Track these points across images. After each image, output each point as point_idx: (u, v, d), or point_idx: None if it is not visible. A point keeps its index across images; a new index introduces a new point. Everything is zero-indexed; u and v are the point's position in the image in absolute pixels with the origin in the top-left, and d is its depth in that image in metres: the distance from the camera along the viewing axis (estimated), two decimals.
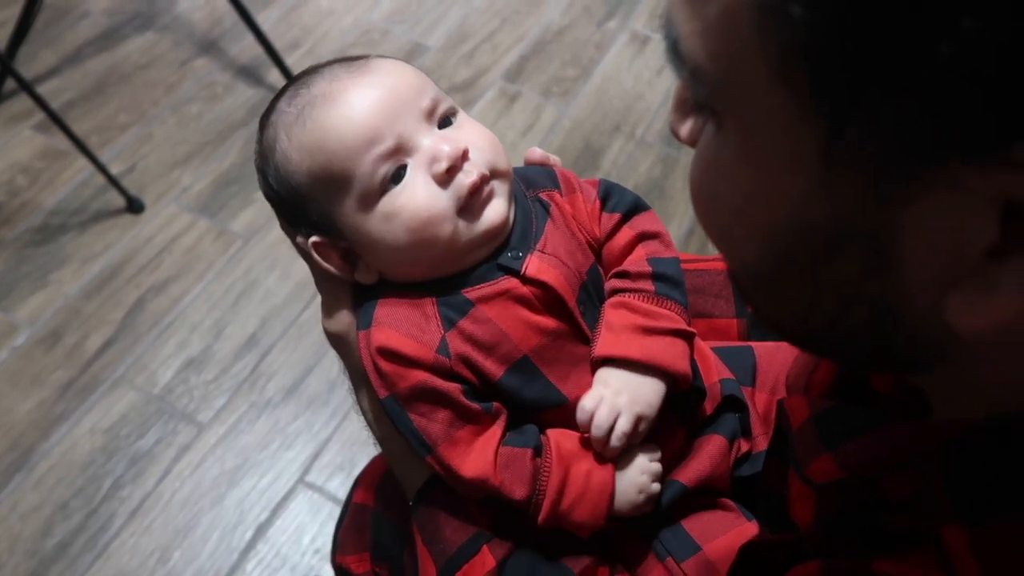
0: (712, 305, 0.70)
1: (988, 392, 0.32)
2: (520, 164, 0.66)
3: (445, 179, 0.53)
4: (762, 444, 0.60)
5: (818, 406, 0.42)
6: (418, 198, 0.53)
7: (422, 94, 0.55)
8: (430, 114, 0.55)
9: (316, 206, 0.55)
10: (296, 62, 1.79)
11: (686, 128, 0.38)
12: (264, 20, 1.82)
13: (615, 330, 0.55)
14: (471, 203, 0.54)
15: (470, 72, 1.81)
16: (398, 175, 0.54)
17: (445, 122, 0.56)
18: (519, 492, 0.53)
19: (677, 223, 1.55)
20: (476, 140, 0.56)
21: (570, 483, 0.53)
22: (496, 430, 0.54)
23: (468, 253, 0.55)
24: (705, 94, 0.30)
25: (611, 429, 0.53)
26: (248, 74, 1.80)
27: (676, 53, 0.30)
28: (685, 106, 0.38)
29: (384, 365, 0.54)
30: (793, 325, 0.35)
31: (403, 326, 0.54)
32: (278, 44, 1.72)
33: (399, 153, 0.53)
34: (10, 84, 1.65)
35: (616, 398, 0.53)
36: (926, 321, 0.29)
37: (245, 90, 1.77)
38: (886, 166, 0.26)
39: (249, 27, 1.65)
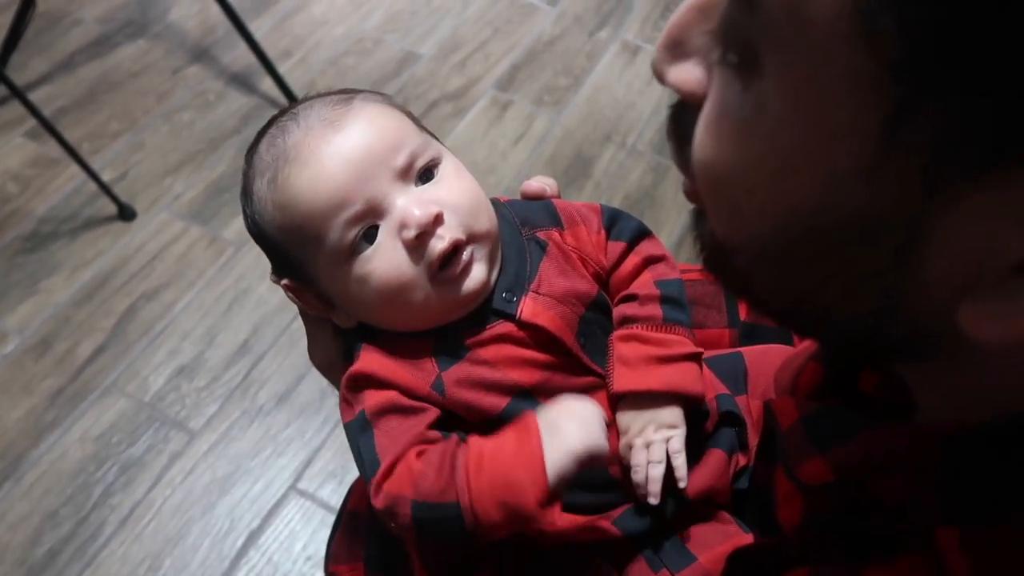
0: (704, 316, 0.70)
1: (983, 391, 0.32)
2: (511, 167, 0.66)
3: (415, 244, 0.52)
4: None
5: (807, 408, 0.42)
6: (388, 263, 0.52)
7: (398, 150, 0.53)
8: (406, 172, 0.53)
9: (291, 257, 0.55)
10: (288, 71, 1.79)
11: (677, 72, 0.33)
12: (257, 29, 1.83)
13: (630, 364, 0.55)
14: (445, 270, 0.52)
15: (462, 81, 1.82)
16: (369, 235, 0.52)
17: (427, 175, 0.55)
18: (432, 482, 0.48)
19: (668, 231, 1.56)
20: (455, 200, 0.53)
21: (485, 454, 0.49)
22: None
23: (448, 314, 0.54)
24: (752, 26, 0.26)
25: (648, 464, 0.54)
26: (240, 82, 1.81)
27: None
28: (680, 46, 0.33)
29: (359, 389, 0.53)
30: (786, 306, 0.33)
31: (393, 358, 0.54)
32: (271, 53, 1.72)
33: (370, 216, 0.52)
34: (1, 91, 1.65)
35: (638, 438, 0.54)
36: (934, 316, 0.28)
37: (238, 98, 1.77)
38: (947, 158, 0.23)
39: (242, 35, 1.66)
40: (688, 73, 0.32)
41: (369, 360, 0.54)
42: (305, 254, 0.54)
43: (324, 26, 1.94)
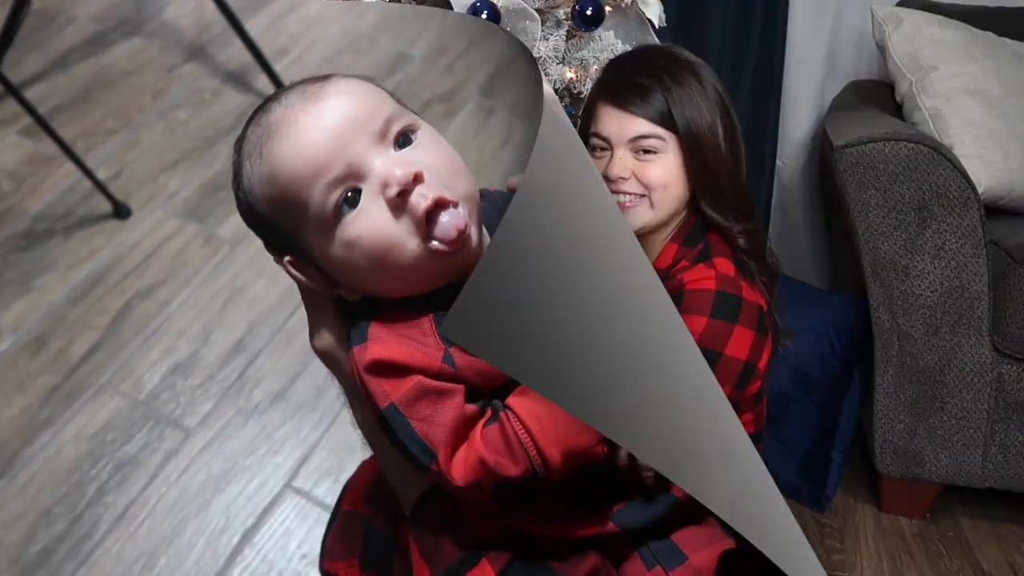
0: None
1: None
2: (500, 172, 0.66)
3: (398, 203, 0.52)
4: None
5: None
6: (373, 224, 0.53)
7: (374, 116, 0.54)
8: (383, 135, 0.54)
9: (284, 232, 0.56)
10: (284, 69, 1.79)
11: None
12: (252, 27, 1.82)
13: None
14: (434, 228, 0.52)
15: (452, 84, 1.82)
16: (352, 200, 0.53)
17: (404, 140, 0.55)
18: (512, 467, 0.52)
19: None
20: (433, 162, 0.54)
21: (543, 421, 0.52)
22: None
23: (441, 276, 0.55)
24: None
25: None
26: (236, 80, 1.80)
27: None
28: None
29: (381, 375, 0.54)
30: None
31: (402, 340, 0.54)
32: (266, 51, 1.72)
33: (350, 179, 0.53)
34: None
35: None
36: None
37: (233, 96, 1.77)
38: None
39: (238, 34, 1.66)
40: None
41: (382, 346, 0.54)
42: (296, 226, 0.55)
43: (319, 25, 1.94)
